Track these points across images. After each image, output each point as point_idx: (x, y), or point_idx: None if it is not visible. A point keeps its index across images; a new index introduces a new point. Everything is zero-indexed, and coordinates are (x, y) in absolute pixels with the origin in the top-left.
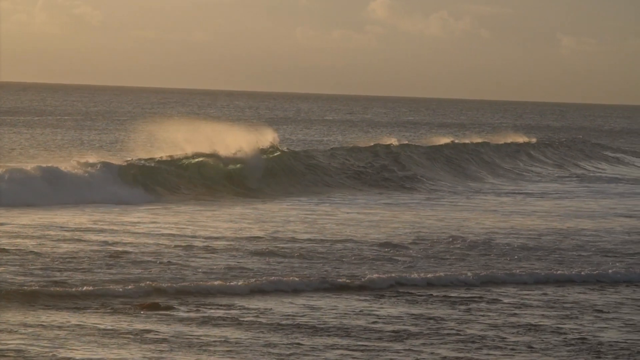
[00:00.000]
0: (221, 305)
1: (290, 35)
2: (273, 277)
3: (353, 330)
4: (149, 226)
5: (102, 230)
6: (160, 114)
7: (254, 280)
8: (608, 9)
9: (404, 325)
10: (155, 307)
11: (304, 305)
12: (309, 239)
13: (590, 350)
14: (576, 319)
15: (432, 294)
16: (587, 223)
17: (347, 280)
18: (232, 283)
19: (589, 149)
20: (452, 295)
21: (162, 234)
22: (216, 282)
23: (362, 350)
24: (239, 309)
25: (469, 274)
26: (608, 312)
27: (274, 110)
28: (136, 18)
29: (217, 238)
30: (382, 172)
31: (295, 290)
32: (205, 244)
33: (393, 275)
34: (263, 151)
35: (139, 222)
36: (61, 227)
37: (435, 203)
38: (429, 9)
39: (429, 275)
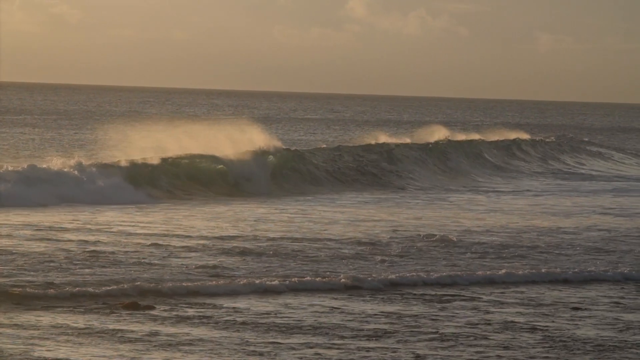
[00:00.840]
0: (199, 304)
1: (268, 34)
2: (251, 278)
3: (328, 329)
4: (129, 226)
5: (81, 230)
6: (143, 113)
7: (231, 280)
8: (584, 7)
9: (379, 323)
10: (135, 306)
11: (280, 304)
12: (286, 238)
13: (564, 347)
14: (552, 316)
15: (408, 293)
16: (566, 222)
17: (324, 279)
18: (211, 283)
19: (586, 147)
20: (429, 293)
21: (143, 234)
22: (196, 283)
23: (337, 349)
24: (217, 308)
25: (444, 273)
26: (584, 310)
27: (254, 109)
28: (115, 16)
29: (197, 237)
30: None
31: (272, 289)
32: (184, 243)
33: (369, 274)
34: (265, 152)
35: (118, 222)
36: (36, 227)
37: (422, 201)
38: (407, 8)
39: (407, 275)
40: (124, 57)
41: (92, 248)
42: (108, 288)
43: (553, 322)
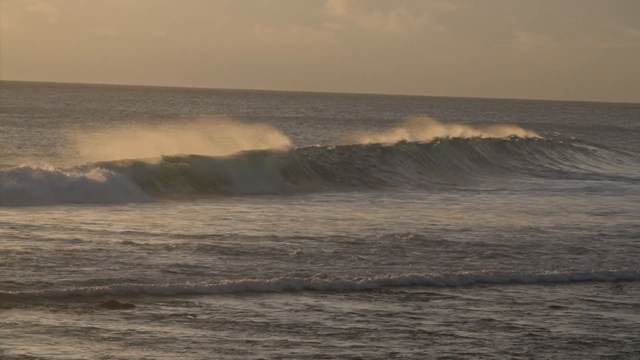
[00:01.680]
0: (177, 303)
1: (248, 32)
2: (230, 278)
3: (304, 327)
4: (108, 225)
5: (58, 228)
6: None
7: (210, 279)
8: (563, 5)
9: (355, 321)
10: (114, 305)
11: (257, 303)
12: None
13: (536, 345)
14: (529, 314)
15: (384, 291)
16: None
17: (303, 279)
18: (190, 284)
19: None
20: (405, 292)
21: (122, 233)
22: (174, 283)
23: (313, 346)
24: (195, 307)
25: (421, 274)
26: (562, 308)
27: (234, 108)
28: (93, 15)
29: (177, 236)
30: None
31: (249, 289)
32: (165, 242)
33: (343, 273)
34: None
35: (94, 220)
36: (11, 226)
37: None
38: (388, 6)
39: (385, 277)
40: (103, 56)
41: (71, 247)
42: (86, 287)
43: (530, 320)
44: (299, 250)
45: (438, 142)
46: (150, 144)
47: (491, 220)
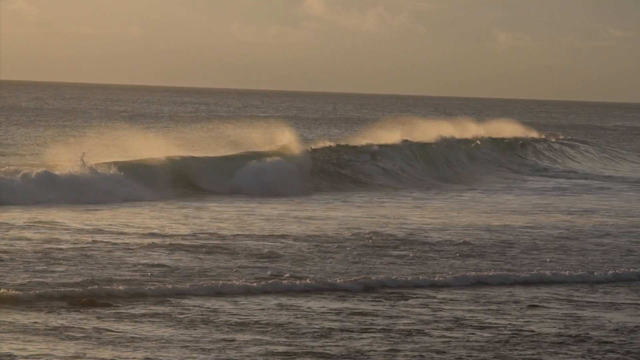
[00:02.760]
0: (155, 302)
1: (226, 31)
2: (206, 277)
3: (278, 326)
4: (90, 225)
5: (36, 228)
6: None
7: (188, 280)
8: (542, 4)
9: (328, 320)
10: (92, 304)
11: (231, 302)
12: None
13: (506, 343)
14: (505, 313)
15: (358, 291)
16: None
17: (280, 281)
18: (166, 285)
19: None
20: (379, 292)
21: (104, 232)
22: (149, 285)
23: (285, 345)
24: (172, 306)
25: (396, 275)
26: (539, 307)
27: (213, 107)
28: (72, 13)
29: (156, 235)
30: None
31: (224, 291)
32: (141, 241)
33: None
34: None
35: (73, 220)
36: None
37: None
38: (366, 5)
39: (359, 278)
40: (82, 54)
41: (47, 246)
42: (64, 289)
43: (504, 319)
44: (271, 250)
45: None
46: (153, 145)
47: (473, 219)
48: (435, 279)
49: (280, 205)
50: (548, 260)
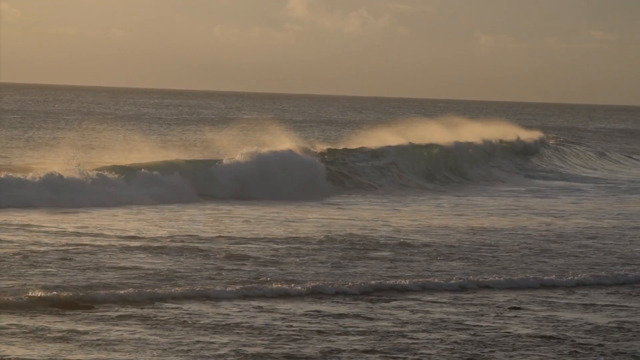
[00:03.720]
0: (135, 305)
1: (209, 33)
2: (186, 280)
3: (255, 329)
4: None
5: (26, 231)
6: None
7: (171, 285)
8: (524, 6)
9: (305, 322)
10: (72, 307)
11: (209, 304)
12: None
13: (480, 344)
14: (482, 315)
15: (336, 294)
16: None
17: (261, 285)
18: (147, 290)
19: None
20: (359, 295)
21: (86, 235)
22: (130, 290)
23: (260, 346)
24: (152, 308)
25: (370, 281)
26: (520, 309)
27: (195, 109)
28: (55, 15)
29: (135, 238)
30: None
31: (203, 294)
32: (124, 244)
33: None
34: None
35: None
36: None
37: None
38: (348, 7)
39: (339, 284)
40: (65, 56)
41: (27, 249)
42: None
43: (484, 320)
44: (250, 252)
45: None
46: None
47: (454, 222)
48: (415, 281)
49: (260, 208)
50: (528, 263)
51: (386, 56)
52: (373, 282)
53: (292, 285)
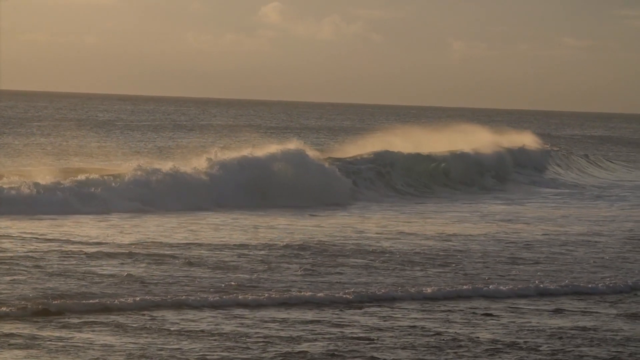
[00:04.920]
0: (104, 311)
1: (181, 39)
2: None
3: (222, 335)
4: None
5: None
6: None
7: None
8: (496, 13)
9: (273, 329)
10: (45, 313)
11: (178, 311)
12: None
13: (437, 349)
14: (450, 322)
15: (307, 302)
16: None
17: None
18: (122, 300)
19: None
20: (330, 302)
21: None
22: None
23: (226, 352)
24: (121, 314)
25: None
26: (493, 316)
27: (169, 115)
28: (25, 21)
29: (106, 245)
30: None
31: (172, 300)
32: (98, 250)
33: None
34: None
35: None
36: None
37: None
38: (321, 13)
39: (308, 294)
40: (36, 62)
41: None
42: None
43: (451, 327)
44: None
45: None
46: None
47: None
48: (385, 291)
49: (231, 214)
50: (500, 271)
51: (359, 62)
52: (345, 290)
53: (260, 292)
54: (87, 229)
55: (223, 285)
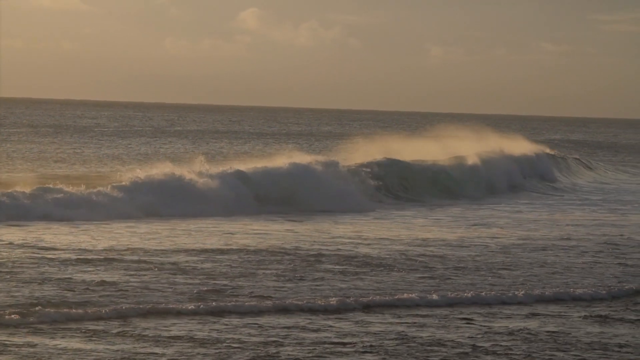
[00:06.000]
0: (78, 318)
1: (159, 45)
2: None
3: (195, 340)
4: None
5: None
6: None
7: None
8: (473, 18)
9: (248, 335)
10: (14, 320)
11: (153, 318)
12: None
13: (408, 350)
14: (422, 327)
15: (271, 306)
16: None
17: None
18: (78, 311)
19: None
20: (306, 309)
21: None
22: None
23: (202, 355)
24: (95, 320)
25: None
26: (471, 321)
27: (147, 120)
28: (2, 27)
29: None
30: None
31: (147, 307)
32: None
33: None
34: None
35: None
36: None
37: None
38: (299, 19)
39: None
40: (12, 68)
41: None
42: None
43: (424, 331)
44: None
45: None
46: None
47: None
48: (360, 299)
49: (206, 220)
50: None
51: (337, 68)
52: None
53: (236, 298)
54: (62, 236)
55: (195, 291)
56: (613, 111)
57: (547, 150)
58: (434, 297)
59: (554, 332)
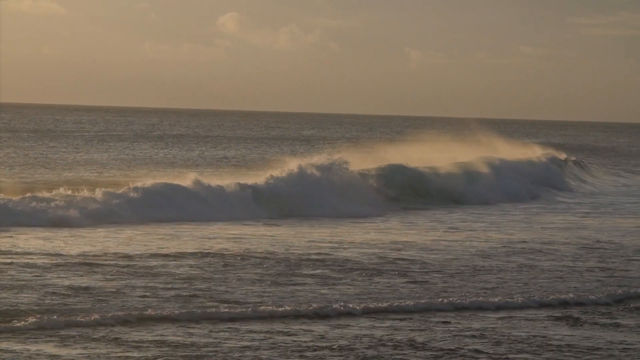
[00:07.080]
0: (60, 325)
1: (138, 49)
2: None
3: (171, 344)
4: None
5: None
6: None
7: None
8: (452, 22)
9: (223, 338)
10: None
11: (135, 324)
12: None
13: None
14: (397, 330)
15: (248, 310)
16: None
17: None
18: (67, 318)
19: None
20: (275, 310)
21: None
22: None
23: (180, 357)
24: (76, 326)
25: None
26: (451, 324)
27: (128, 125)
28: None
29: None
30: None
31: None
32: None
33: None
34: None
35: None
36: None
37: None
38: (279, 23)
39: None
40: None
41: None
42: None
43: (400, 335)
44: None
45: None
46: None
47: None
48: (338, 306)
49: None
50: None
51: (317, 72)
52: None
53: (217, 303)
54: (40, 241)
55: (173, 295)
56: (592, 115)
57: (555, 154)
58: (409, 302)
59: (530, 335)
